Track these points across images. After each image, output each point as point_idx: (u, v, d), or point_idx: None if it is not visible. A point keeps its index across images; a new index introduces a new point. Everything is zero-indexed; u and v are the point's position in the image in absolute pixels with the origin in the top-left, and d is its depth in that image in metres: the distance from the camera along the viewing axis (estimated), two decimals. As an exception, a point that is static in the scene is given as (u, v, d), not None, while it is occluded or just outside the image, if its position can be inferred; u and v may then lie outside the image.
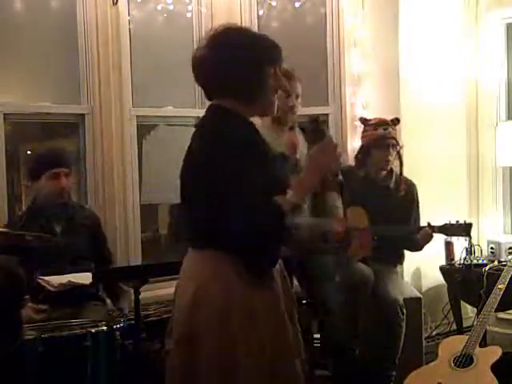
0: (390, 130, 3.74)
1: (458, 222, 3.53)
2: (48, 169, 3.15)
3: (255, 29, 4.46)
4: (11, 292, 2.05)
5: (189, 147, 2.03)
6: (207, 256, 1.98)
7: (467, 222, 3.56)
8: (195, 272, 2.00)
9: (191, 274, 2.01)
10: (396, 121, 3.78)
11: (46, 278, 2.88)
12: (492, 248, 4.39)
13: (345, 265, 3.18)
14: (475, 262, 4.21)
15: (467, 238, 3.92)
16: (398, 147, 3.77)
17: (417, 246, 3.65)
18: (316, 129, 2.02)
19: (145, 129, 4.23)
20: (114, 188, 3.98)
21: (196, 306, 1.94)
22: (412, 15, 4.35)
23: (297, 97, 3.23)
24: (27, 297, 2.51)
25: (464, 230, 3.54)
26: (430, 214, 3.77)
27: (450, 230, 3.53)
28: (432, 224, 3.53)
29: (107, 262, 3.33)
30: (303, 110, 4.43)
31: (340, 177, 2.03)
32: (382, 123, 3.77)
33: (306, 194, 2.01)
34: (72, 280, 2.87)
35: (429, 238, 3.54)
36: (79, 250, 3.18)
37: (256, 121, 3.01)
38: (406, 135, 4.12)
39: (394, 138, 3.75)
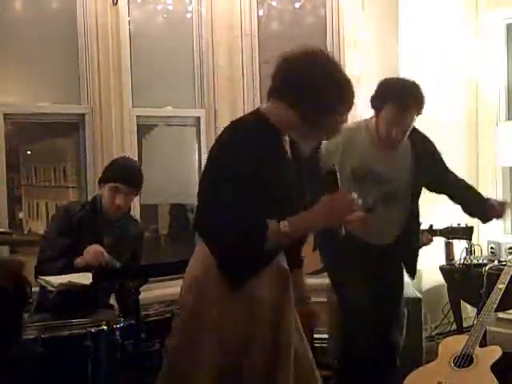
0: None
1: (459, 225, 3.52)
2: (113, 180, 3.08)
3: (255, 29, 4.47)
4: (15, 294, 2.05)
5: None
6: (200, 248, 2.05)
7: (468, 225, 3.54)
8: (191, 261, 2.09)
9: (190, 263, 2.10)
10: None
11: (45, 277, 2.87)
12: (492, 248, 4.39)
13: None
14: (475, 261, 4.22)
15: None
16: None
17: None
18: (333, 179, 1.98)
19: (145, 129, 4.24)
20: (113, 188, 3.97)
21: (185, 294, 2.06)
22: (412, 15, 4.35)
23: (405, 130, 3.05)
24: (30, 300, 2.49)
25: (465, 233, 3.54)
26: (430, 213, 3.76)
27: (451, 233, 3.52)
28: (434, 227, 3.52)
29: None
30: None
31: (343, 231, 2.00)
32: None
33: (303, 230, 1.98)
34: (72, 280, 2.86)
35: (427, 242, 3.52)
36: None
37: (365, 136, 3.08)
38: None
39: None
